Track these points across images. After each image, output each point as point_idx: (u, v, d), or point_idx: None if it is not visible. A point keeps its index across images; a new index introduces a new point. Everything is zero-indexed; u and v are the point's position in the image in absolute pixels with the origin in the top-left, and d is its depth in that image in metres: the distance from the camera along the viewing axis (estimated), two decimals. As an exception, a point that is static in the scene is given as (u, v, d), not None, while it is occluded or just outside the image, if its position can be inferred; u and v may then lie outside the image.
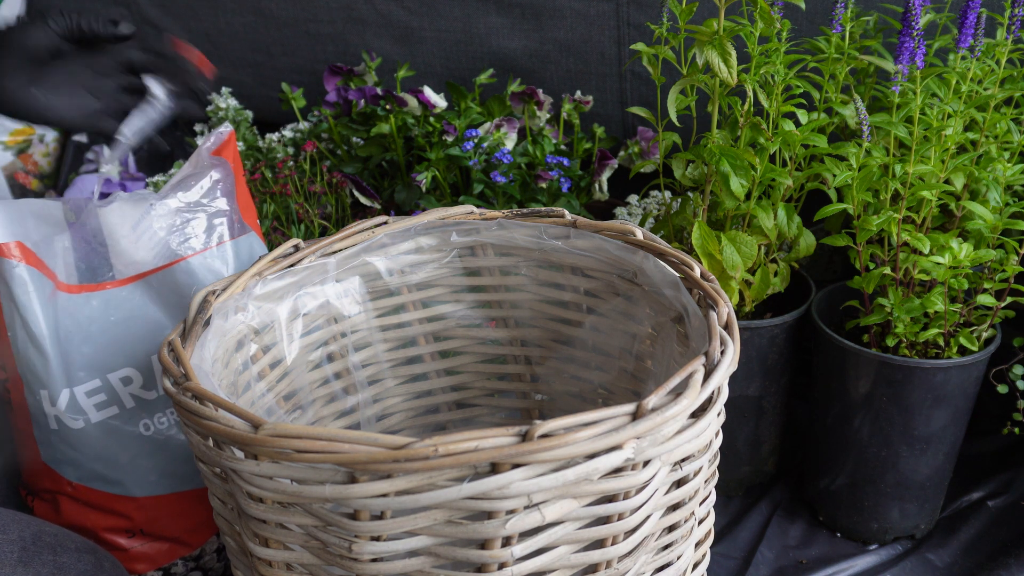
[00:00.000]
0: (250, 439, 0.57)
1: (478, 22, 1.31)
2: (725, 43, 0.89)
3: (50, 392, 0.84)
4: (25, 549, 0.74)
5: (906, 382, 0.92)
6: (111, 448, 0.86)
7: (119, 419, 0.86)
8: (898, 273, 0.92)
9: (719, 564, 1.01)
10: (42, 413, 0.85)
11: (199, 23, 1.50)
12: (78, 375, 0.84)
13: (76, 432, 0.85)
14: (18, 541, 0.74)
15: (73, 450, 0.86)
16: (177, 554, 0.92)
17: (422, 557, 0.60)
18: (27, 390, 0.85)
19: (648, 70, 1.01)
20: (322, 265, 0.86)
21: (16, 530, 0.75)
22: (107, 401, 0.85)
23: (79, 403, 0.84)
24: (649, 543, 0.65)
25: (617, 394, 0.90)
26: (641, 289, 0.82)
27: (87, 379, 0.84)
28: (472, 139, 1.15)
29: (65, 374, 0.83)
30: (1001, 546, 1.01)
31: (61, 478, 0.87)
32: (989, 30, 1.00)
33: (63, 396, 0.84)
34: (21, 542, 0.74)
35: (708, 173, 0.97)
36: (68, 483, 0.87)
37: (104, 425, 0.86)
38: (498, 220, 0.88)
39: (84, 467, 0.87)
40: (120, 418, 0.86)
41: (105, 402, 0.85)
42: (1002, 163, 0.90)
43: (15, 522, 0.76)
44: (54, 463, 0.87)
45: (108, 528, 0.89)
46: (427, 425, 0.98)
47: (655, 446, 0.58)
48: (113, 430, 0.86)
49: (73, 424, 0.85)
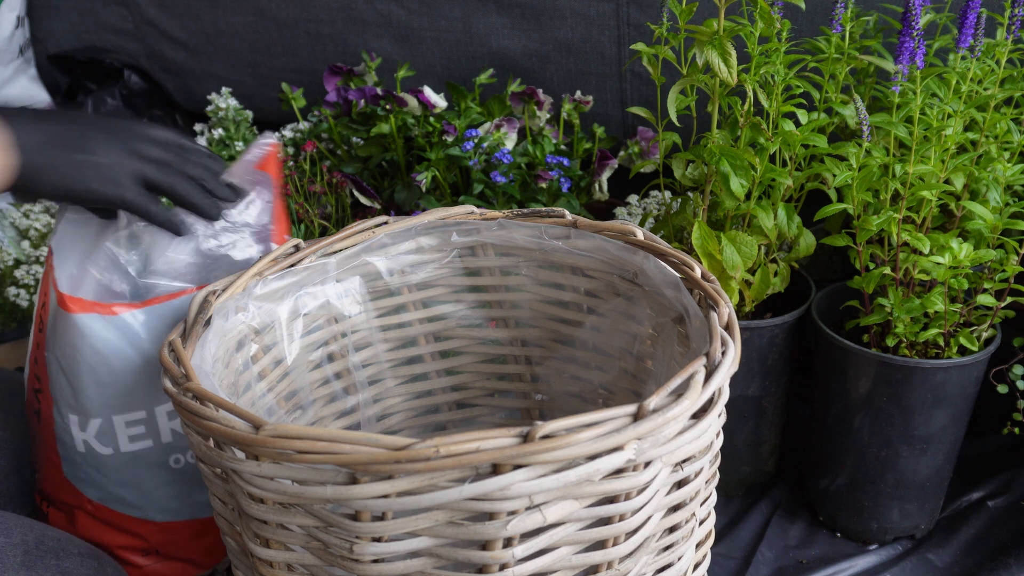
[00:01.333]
0: (251, 440, 0.57)
1: (478, 22, 1.31)
2: (725, 43, 0.89)
3: (79, 419, 0.81)
4: (28, 553, 0.74)
5: (906, 382, 0.92)
6: (137, 476, 0.84)
7: (151, 452, 0.84)
8: (898, 273, 0.92)
9: (719, 564, 1.01)
10: (69, 434, 0.83)
11: (199, 23, 1.50)
12: (120, 402, 0.81)
13: (103, 458, 0.83)
14: (21, 545, 0.74)
15: (99, 473, 0.84)
16: (189, 573, 0.91)
17: (423, 558, 0.59)
18: (56, 411, 0.83)
19: (648, 70, 1.01)
20: (322, 265, 0.86)
21: (19, 534, 0.75)
22: (144, 434, 0.83)
23: (114, 431, 0.82)
24: (650, 544, 0.65)
25: (617, 394, 0.90)
26: (641, 289, 0.82)
27: (131, 409, 0.81)
28: (472, 139, 1.14)
29: (102, 401, 0.80)
30: (1001, 546, 1.02)
31: (82, 496, 0.86)
32: (989, 30, 1.00)
33: (94, 424, 0.81)
34: (24, 546, 0.74)
35: (708, 173, 0.97)
36: (89, 501, 0.86)
37: (133, 455, 0.83)
38: (498, 220, 0.88)
39: (107, 490, 0.85)
40: (152, 451, 0.84)
41: (142, 435, 0.82)
42: (1002, 163, 0.90)
43: (18, 526, 0.76)
44: (76, 481, 0.85)
45: (123, 547, 0.87)
46: (427, 425, 0.98)
47: (656, 447, 0.58)
48: (142, 461, 0.84)
49: (102, 451, 0.82)
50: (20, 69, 1.61)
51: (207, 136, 1.35)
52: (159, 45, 1.55)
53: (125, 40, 1.58)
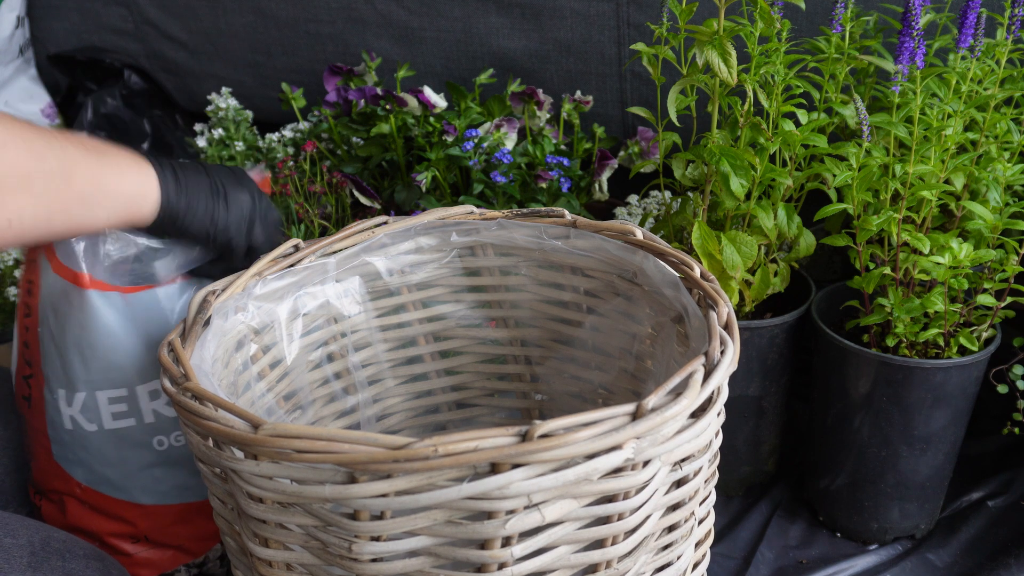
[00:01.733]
0: (250, 439, 0.57)
1: (478, 22, 1.31)
2: (725, 43, 0.89)
3: (66, 393, 0.83)
4: (34, 554, 0.74)
5: (906, 382, 0.91)
6: (122, 456, 0.86)
7: (133, 431, 0.85)
8: (898, 273, 0.92)
9: (719, 564, 1.01)
10: (58, 411, 0.85)
11: (199, 23, 1.50)
12: (104, 378, 0.83)
13: (89, 435, 0.85)
14: (27, 546, 0.74)
15: (85, 452, 0.86)
16: (180, 561, 0.92)
17: (422, 557, 0.59)
18: (47, 387, 0.84)
19: (648, 70, 1.01)
20: (322, 265, 0.86)
21: (25, 535, 0.75)
22: (127, 412, 0.85)
23: (97, 407, 0.84)
24: (649, 543, 0.65)
25: (617, 394, 0.90)
26: (641, 289, 0.82)
27: (112, 385, 0.83)
28: (472, 139, 1.14)
29: (87, 376, 0.83)
30: (1001, 546, 1.01)
31: (71, 478, 0.87)
32: (989, 30, 1.00)
33: (79, 398, 0.83)
34: (30, 547, 0.74)
35: (708, 173, 0.97)
36: (77, 484, 0.87)
37: (116, 434, 0.85)
38: (498, 220, 0.88)
39: (94, 470, 0.87)
40: (135, 430, 0.85)
41: (124, 413, 0.84)
42: (1002, 163, 0.90)
43: (24, 527, 0.76)
44: (65, 462, 0.87)
45: (112, 533, 0.89)
46: (427, 425, 0.98)
47: (655, 446, 0.58)
48: (125, 440, 0.86)
49: (87, 427, 0.84)
50: (20, 69, 1.61)
51: (207, 136, 1.35)
52: (159, 45, 1.56)
53: (125, 40, 1.58)
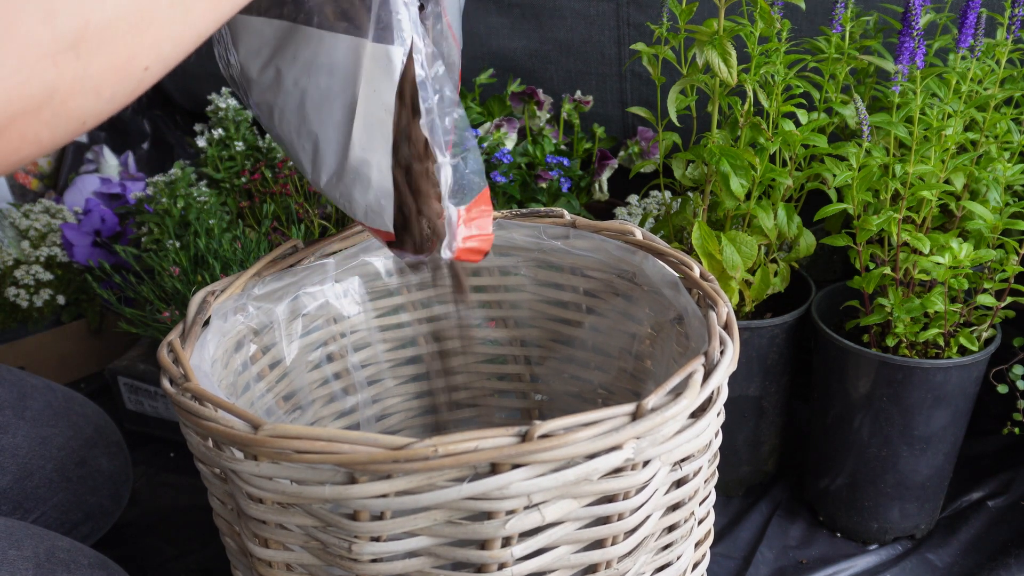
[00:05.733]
0: (250, 440, 0.57)
1: (478, 22, 1.31)
2: (725, 43, 0.89)
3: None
4: (40, 566, 0.74)
5: (906, 382, 0.91)
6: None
7: None
8: (898, 273, 0.92)
9: (719, 564, 1.01)
10: None
11: (199, 23, 1.50)
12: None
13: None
14: (32, 558, 0.74)
15: None
16: None
17: (422, 557, 0.59)
18: None
19: (648, 70, 1.01)
20: (321, 265, 0.86)
21: (31, 546, 0.75)
22: None
23: None
24: (649, 543, 0.65)
25: (617, 394, 0.90)
26: (641, 289, 0.82)
27: None
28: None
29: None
30: (1001, 546, 1.01)
31: None
32: (989, 30, 1.00)
33: None
34: (35, 558, 0.74)
35: (708, 173, 0.97)
36: None
37: None
38: (498, 220, 0.88)
39: None
40: None
41: None
42: (1002, 163, 0.90)
43: (29, 537, 0.76)
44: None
45: None
46: (427, 425, 0.98)
47: (655, 446, 0.58)
48: None
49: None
50: (20, 69, 1.61)
51: (207, 136, 1.35)
52: (159, 45, 1.55)
53: (125, 40, 1.58)
